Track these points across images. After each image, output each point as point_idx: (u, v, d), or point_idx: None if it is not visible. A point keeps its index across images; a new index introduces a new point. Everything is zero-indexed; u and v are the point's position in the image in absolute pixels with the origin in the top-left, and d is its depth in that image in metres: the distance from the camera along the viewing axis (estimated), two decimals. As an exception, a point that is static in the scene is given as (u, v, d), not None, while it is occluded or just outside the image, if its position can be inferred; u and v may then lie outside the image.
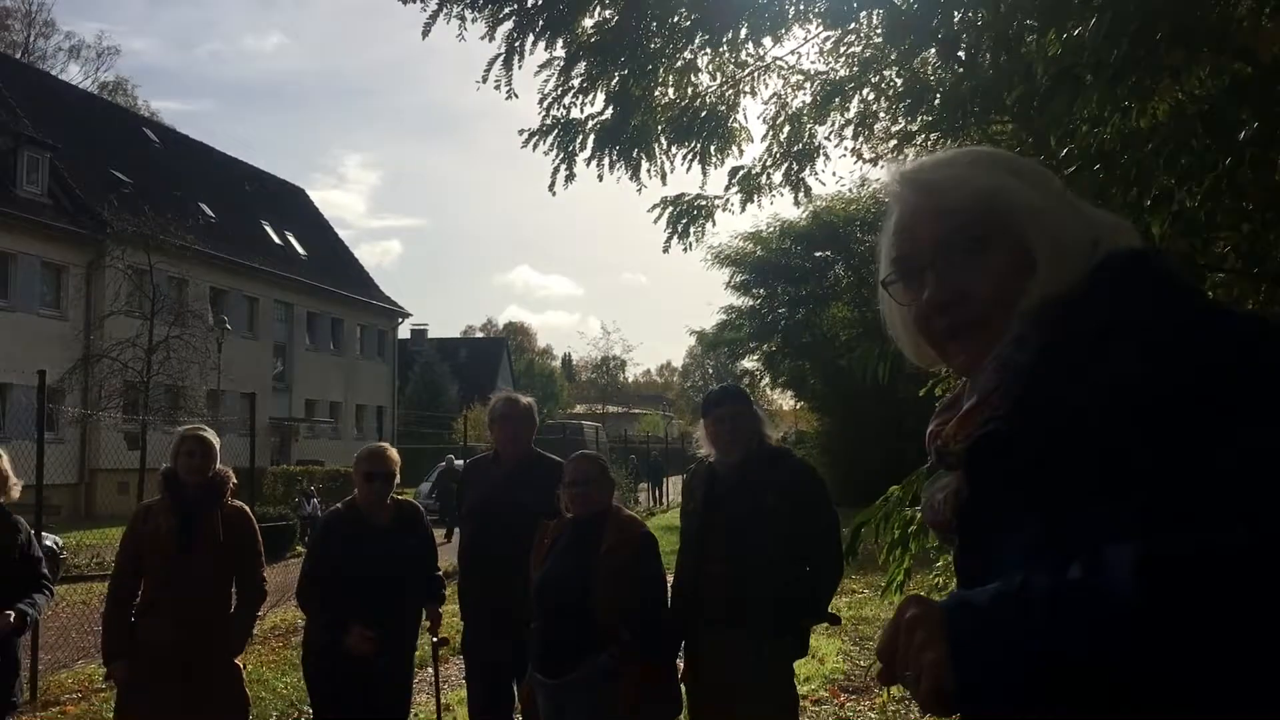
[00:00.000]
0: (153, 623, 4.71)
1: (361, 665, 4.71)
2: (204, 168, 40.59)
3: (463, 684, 6.36)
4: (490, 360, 72.86)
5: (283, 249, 42.32)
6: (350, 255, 50.52)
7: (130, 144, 37.60)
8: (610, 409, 67.26)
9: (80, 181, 31.79)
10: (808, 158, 9.45)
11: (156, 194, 32.54)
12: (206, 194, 37.96)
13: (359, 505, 4.96)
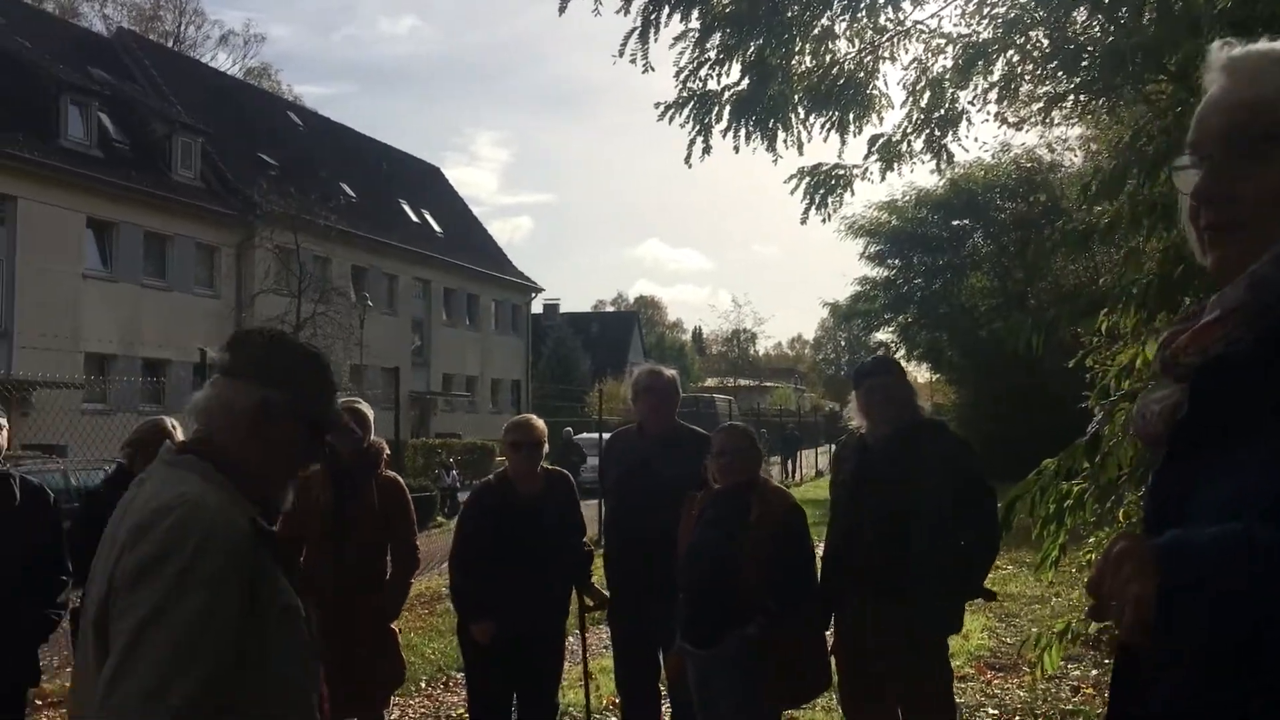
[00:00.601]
0: (312, 586, 4.87)
1: (514, 633, 4.82)
2: (344, 149, 41.76)
3: (608, 652, 6.45)
4: (621, 334, 73.36)
5: (420, 227, 43.29)
6: (484, 232, 51.42)
7: (275, 127, 38.93)
8: (741, 382, 66.95)
9: (230, 165, 33.08)
10: (950, 124, 9.20)
11: (301, 175, 33.64)
12: (347, 174, 39.07)
13: (509, 476, 5.07)
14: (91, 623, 1.89)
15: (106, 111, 29.55)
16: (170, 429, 4.93)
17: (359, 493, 4.91)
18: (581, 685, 7.40)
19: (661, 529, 4.71)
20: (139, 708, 1.72)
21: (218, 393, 2.10)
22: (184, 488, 1.95)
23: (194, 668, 1.76)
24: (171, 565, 1.81)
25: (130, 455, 4.88)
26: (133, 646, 1.76)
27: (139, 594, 1.81)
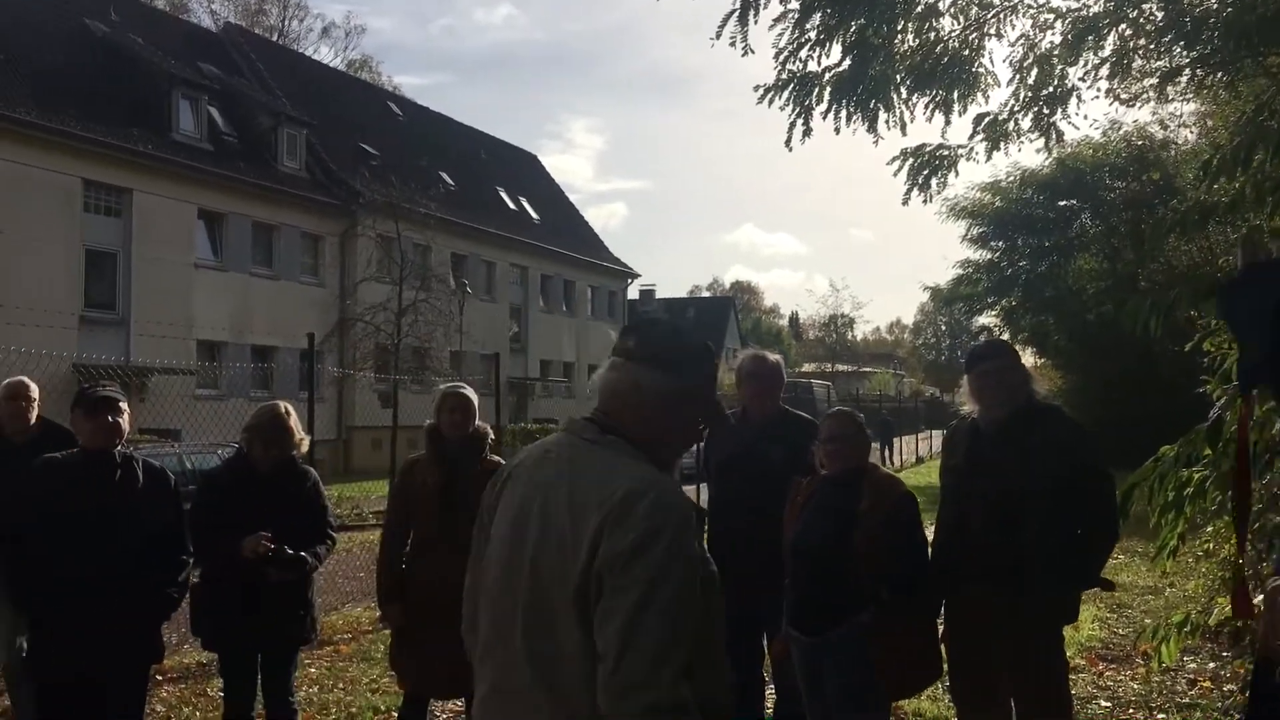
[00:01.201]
0: (421, 569, 4.95)
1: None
2: (443, 138, 42.32)
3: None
4: (717, 319, 73.19)
5: (517, 214, 43.70)
6: (580, 218, 51.69)
7: (377, 118, 39.64)
8: (839, 367, 66.31)
9: (333, 155, 33.79)
10: (1058, 101, 8.97)
11: (401, 165, 34.19)
12: (446, 163, 39.59)
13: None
14: (574, 597, 2.05)
15: (216, 105, 30.38)
16: (285, 413, 5.01)
17: (466, 477, 4.96)
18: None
19: (765, 514, 4.68)
20: (653, 665, 1.92)
21: (626, 376, 2.25)
22: (637, 469, 2.13)
23: (684, 637, 1.96)
24: (659, 543, 1.99)
25: (248, 440, 4.98)
26: (636, 620, 1.94)
27: (634, 572, 1.98)
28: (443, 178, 37.34)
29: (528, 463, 2.32)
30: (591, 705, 1.99)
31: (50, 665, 4.20)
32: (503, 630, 2.18)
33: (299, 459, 5.06)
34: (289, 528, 4.83)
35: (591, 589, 2.03)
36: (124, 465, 4.25)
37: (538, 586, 2.12)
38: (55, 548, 4.09)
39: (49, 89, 25.03)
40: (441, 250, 32.65)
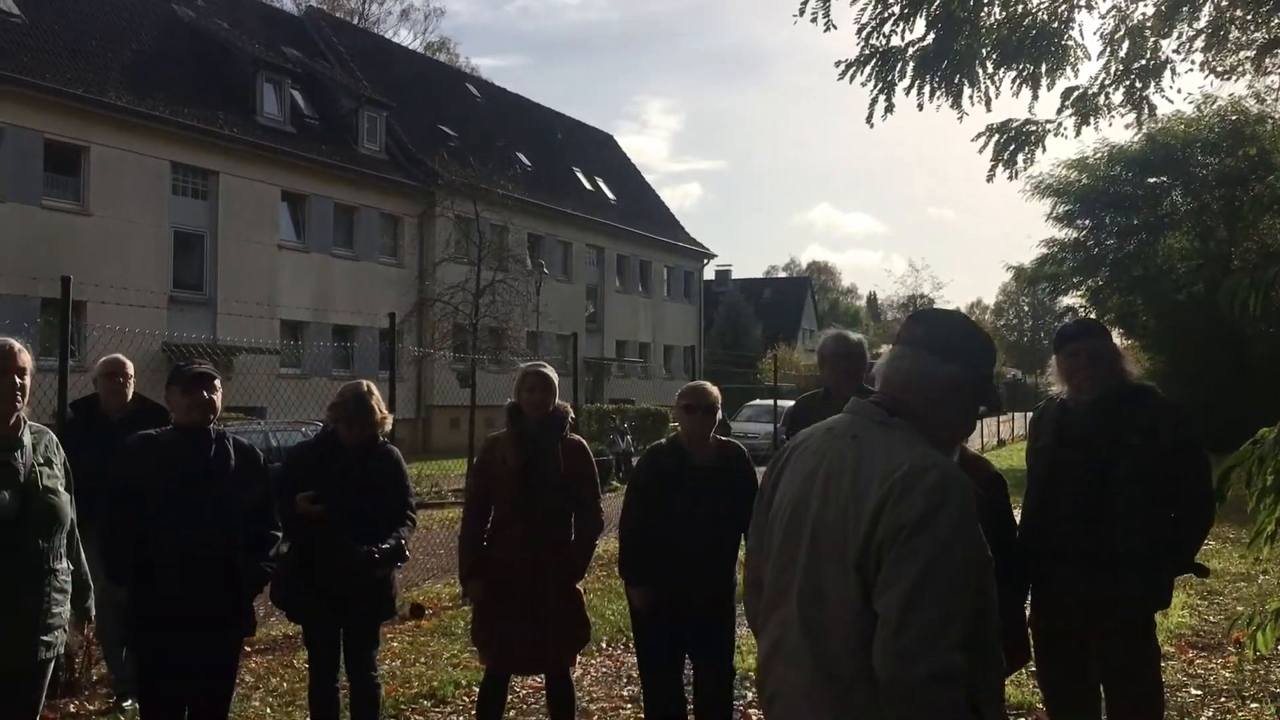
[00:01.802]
0: (502, 546, 4.99)
1: (679, 597, 4.85)
2: (520, 119, 42.54)
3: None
4: (794, 300, 72.73)
5: (593, 194, 43.79)
6: (657, 199, 51.63)
7: (455, 100, 39.98)
8: (919, 348, 65.47)
9: (412, 137, 34.16)
10: (1151, 74, 8.73)
11: (479, 146, 34.46)
12: (523, 144, 39.80)
13: (682, 440, 5.07)
14: (853, 564, 2.18)
15: (299, 88, 30.88)
16: (368, 392, 5.09)
17: (546, 455, 4.98)
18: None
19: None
20: (932, 633, 2.03)
21: (918, 366, 2.37)
22: (921, 449, 2.25)
23: (964, 606, 2.08)
24: (942, 518, 2.11)
25: (333, 418, 5.07)
26: (920, 587, 2.06)
27: (917, 544, 2.10)
28: (520, 158, 37.55)
29: (812, 440, 2.49)
30: (854, 669, 2.15)
31: (146, 635, 4.31)
32: (783, 592, 2.36)
33: (382, 438, 5.15)
34: (371, 505, 4.93)
35: (871, 558, 2.15)
36: (217, 441, 4.34)
37: (816, 554, 2.28)
38: (151, 521, 4.19)
39: (139, 75, 25.65)
40: (519, 231, 32.85)
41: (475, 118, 39.39)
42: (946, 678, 2.02)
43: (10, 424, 3.90)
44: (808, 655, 2.26)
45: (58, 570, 3.99)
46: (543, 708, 6.13)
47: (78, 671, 6.38)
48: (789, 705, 2.35)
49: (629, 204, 46.25)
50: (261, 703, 6.27)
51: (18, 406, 3.89)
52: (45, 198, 23.02)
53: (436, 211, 31.43)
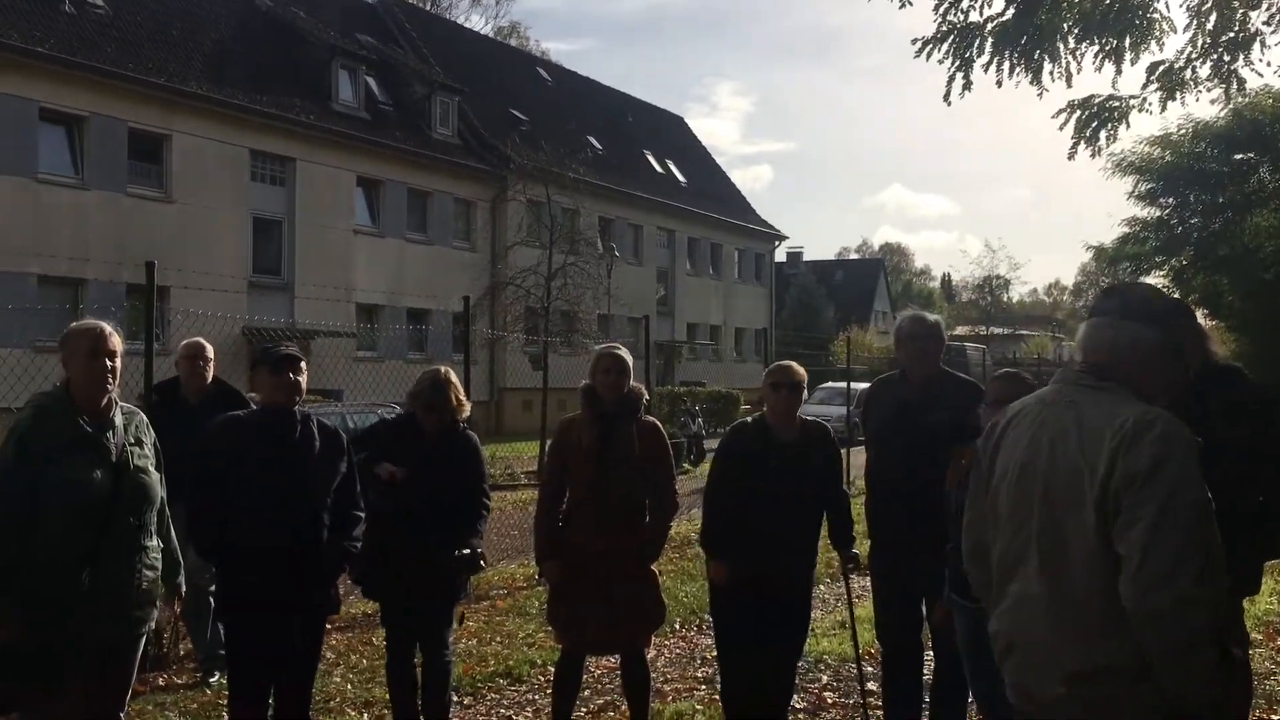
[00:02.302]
0: (577, 528, 5.02)
1: (758, 576, 4.84)
2: (591, 102, 42.58)
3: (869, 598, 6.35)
4: (866, 281, 71.98)
5: (664, 177, 43.71)
6: (727, 181, 51.37)
7: (526, 84, 40.12)
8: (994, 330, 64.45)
9: (484, 122, 34.37)
10: (1240, 47, 8.46)
11: (550, 130, 34.55)
12: (594, 127, 39.84)
13: (767, 419, 5.05)
14: (1093, 510, 2.43)
15: (373, 75, 31.23)
16: (445, 379, 5.15)
17: (621, 436, 4.99)
18: (836, 634, 7.38)
19: (925, 478, 4.60)
20: (1171, 566, 2.28)
21: (1124, 333, 2.59)
22: (1140, 405, 2.49)
23: (1200, 543, 2.31)
24: (1172, 463, 2.36)
25: (412, 404, 5.14)
26: (1157, 526, 2.31)
27: (1152, 488, 2.34)
28: (591, 142, 37.60)
29: (1027, 410, 2.70)
30: (1099, 607, 2.41)
31: (233, 613, 4.41)
32: (1020, 551, 2.59)
33: (461, 423, 5.21)
34: (447, 490, 5.00)
35: (1110, 504, 2.40)
36: (302, 423, 4.42)
37: (1052, 508, 2.52)
38: (237, 501, 4.28)
39: (219, 64, 26.13)
40: (589, 214, 32.90)
41: (546, 102, 39.50)
42: (1188, 603, 2.26)
43: (102, 405, 4.00)
44: (1051, 602, 2.50)
45: (149, 548, 4.10)
46: (617, 688, 6.17)
47: (166, 647, 6.56)
48: (1029, 655, 2.59)
49: (700, 186, 46.09)
50: (342, 679, 6.39)
51: (109, 388, 3.99)
52: (130, 186, 23.57)
53: (508, 195, 31.58)
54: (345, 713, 5.78)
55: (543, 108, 38.30)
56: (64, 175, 22.46)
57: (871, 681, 6.36)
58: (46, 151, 22.12)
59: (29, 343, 14.81)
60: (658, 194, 41.28)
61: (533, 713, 5.89)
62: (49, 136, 22.29)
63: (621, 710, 5.74)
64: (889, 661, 5.16)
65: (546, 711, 5.75)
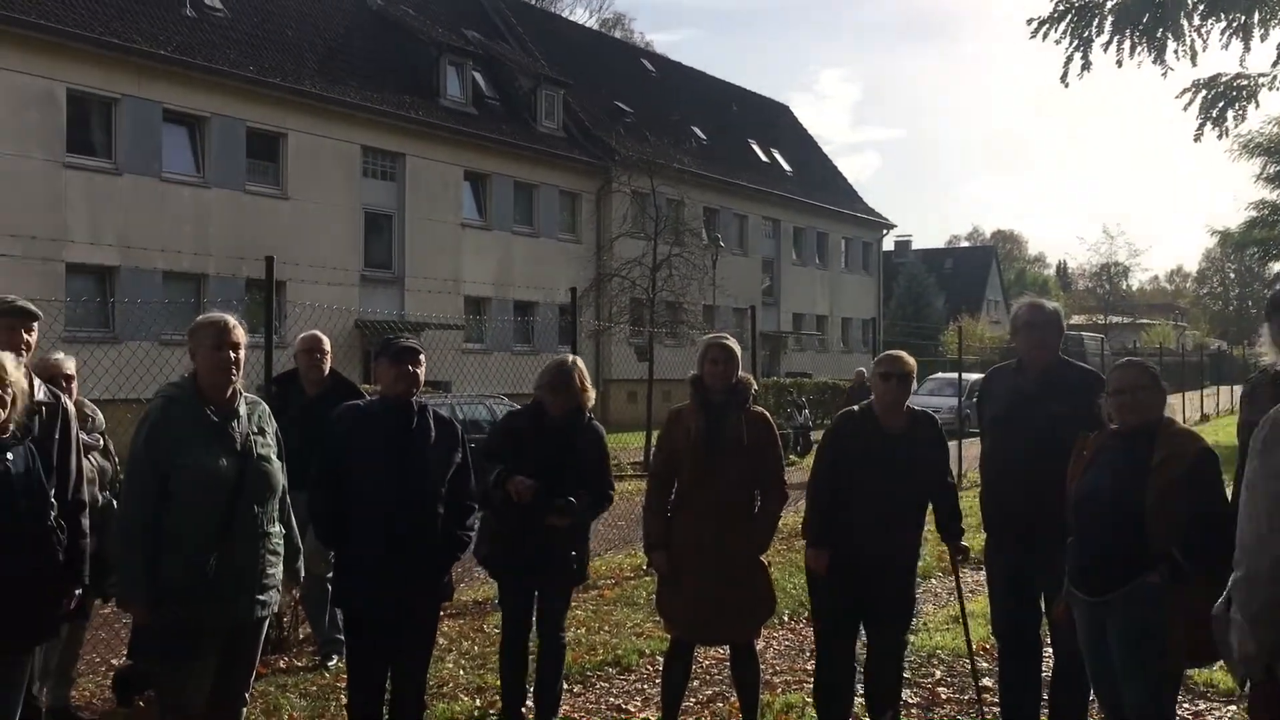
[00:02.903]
0: (686, 517, 5.02)
1: (858, 565, 4.83)
2: (695, 92, 42.47)
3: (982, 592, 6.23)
4: (978, 270, 70.49)
5: (769, 166, 43.41)
6: (834, 169, 50.78)
7: (630, 76, 40.21)
8: (1113, 319, 62.54)
9: (589, 114, 34.57)
10: (1380, 18, 8.04)
11: (655, 121, 34.61)
12: (698, 117, 39.74)
13: (875, 410, 4.99)
14: None
15: (480, 70, 31.64)
16: (573, 365, 5.29)
17: (729, 426, 4.98)
18: (949, 628, 7.25)
19: (1042, 469, 4.50)
20: None
21: None
22: None
23: None
24: None
25: (541, 389, 5.29)
26: None
27: None
28: (695, 132, 37.51)
29: None
30: None
31: (352, 598, 4.52)
32: None
33: (588, 413, 5.30)
34: (572, 478, 5.12)
35: None
36: (419, 414, 4.51)
37: None
38: (355, 490, 4.39)
39: (331, 63, 26.77)
40: (694, 204, 32.88)
41: (650, 93, 39.54)
42: None
43: (227, 395, 4.13)
44: None
45: (271, 534, 4.23)
46: (725, 679, 6.16)
47: (286, 630, 6.75)
48: None
49: (805, 175, 45.66)
50: (455, 665, 6.50)
51: (233, 379, 4.13)
52: (248, 183, 24.30)
53: (613, 187, 31.73)
54: (458, 698, 5.88)
55: (647, 99, 38.35)
56: (187, 174, 23.25)
57: (986, 677, 6.25)
58: (170, 151, 22.92)
59: (155, 336, 15.38)
60: (763, 183, 41.01)
61: (642, 702, 5.91)
62: (172, 137, 23.08)
63: (730, 701, 5.72)
64: (1006, 657, 5.04)
65: (656, 701, 5.77)
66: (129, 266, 21.56)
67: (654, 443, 19.21)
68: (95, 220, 21.12)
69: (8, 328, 4.26)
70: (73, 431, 4.15)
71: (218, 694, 4.15)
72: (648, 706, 5.80)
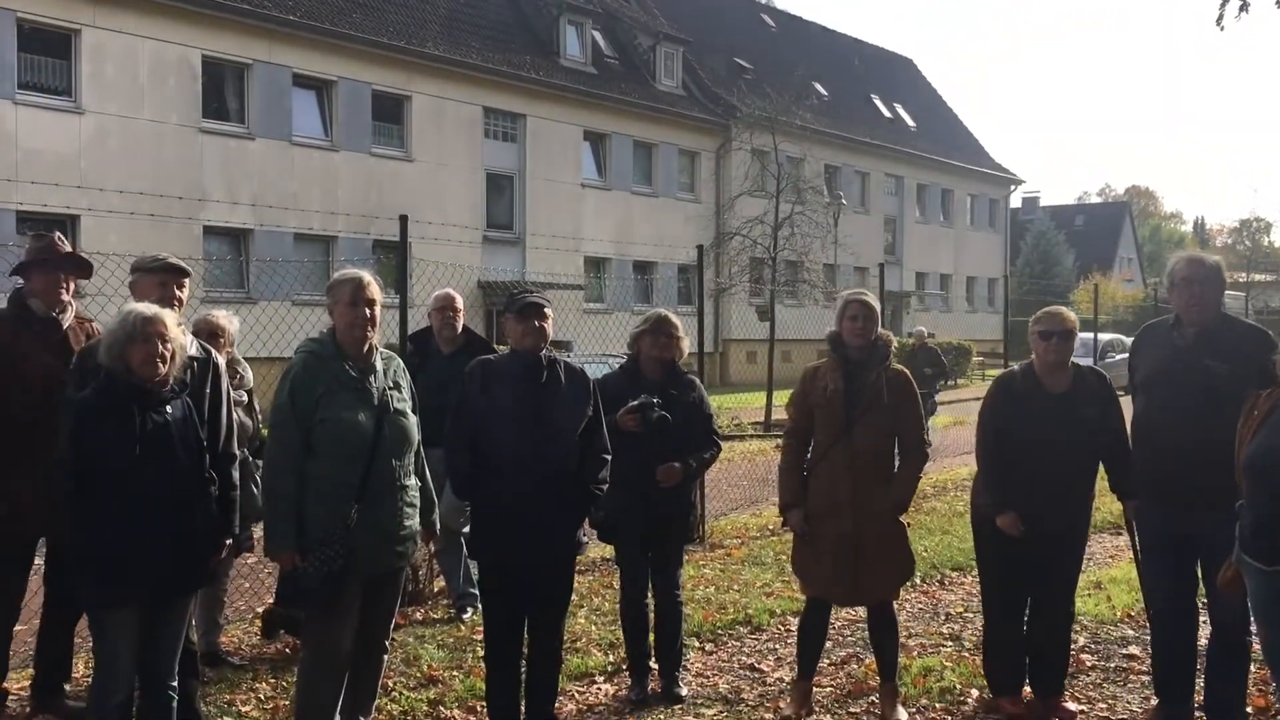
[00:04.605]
0: (822, 476, 4.91)
1: (1036, 528, 4.72)
2: (816, 47, 41.66)
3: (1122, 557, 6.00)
4: (1110, 227, 68.03)
5: (892, 122, 42.46)
6: (959, 124, 49.37)
7: (750, 31, 39.64)
8: (1255, 277, 59.69)
9: (709, 71, 34.25)
10: None
11: (775, 78, 34.03)
12: (819, 73, 38.97)
13: (1036, 370, 4.84)
14: None
15: (599, 29, 31.56)
16: (667, 316, 5.29)
17: (868, 385, 4.85)
18: (1091, 594, 7.01)
19: (1203, 429, 4.33)
20: None
21: None
22: None
23: None
24: None
25: (636, 338, 5.31)
26: None
27: None
28: (816, 88, 36.83)
29: None
30: None
31: (487, 549, 4.55)
32: None
33: (682, 366, 5.30)
34: (675, 429, 5.11)
35: None
36: (549, 367, 4.50)
37: None
38: (492, 444, 4.40)
39: (453, 24, 27.00)
40: (815, 162, 32.36)
41: (770, 49, 38.93)
42: None
43: (364, 350, 4.19)
44: None
45: (408, 487, 4.29)
46: (859, 640, 6.07)
47: (422, 583, 6.87)
48: None
49: (930, 130, 44.52)
50: (586, 620, 6.54)
51: (369, 334, 4.18)
52: (374, 146, 24.72)
53: (733, 146, 31.42)
54: (591, 653, 5.90)
55: (767, 55, 37.79)
56: (315, 137, 23.77)
57: (1133, 645, 6.03)
58: (300, 115, 23.44)
59: (287, 296, 15.80)
60: (886, 139, 40.14)
61: (775, 661, 5.85)
62: (301, 101, 23.59)
63: (865, 663, 5.63)
64: (1160, 625, 4.82)
65: (789, 661, 5.71)
66: (262, 229, 22.18)
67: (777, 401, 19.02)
68: (230, 183, 21.77)
69: (160, 284, 4.38)
70: (223, 386, 4.26)
71: (360, 641, 4.23)
72: (781, 666, 5.74)
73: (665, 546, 5.32)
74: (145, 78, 20.62)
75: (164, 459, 3.73)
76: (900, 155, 40.62)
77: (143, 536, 3.70)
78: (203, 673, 5.06)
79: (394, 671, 5.42)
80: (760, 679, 5.58)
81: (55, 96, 19.68)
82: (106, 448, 3.66)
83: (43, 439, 4.12)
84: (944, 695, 5.26)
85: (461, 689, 5.25)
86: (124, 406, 3.70)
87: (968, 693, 5.28)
